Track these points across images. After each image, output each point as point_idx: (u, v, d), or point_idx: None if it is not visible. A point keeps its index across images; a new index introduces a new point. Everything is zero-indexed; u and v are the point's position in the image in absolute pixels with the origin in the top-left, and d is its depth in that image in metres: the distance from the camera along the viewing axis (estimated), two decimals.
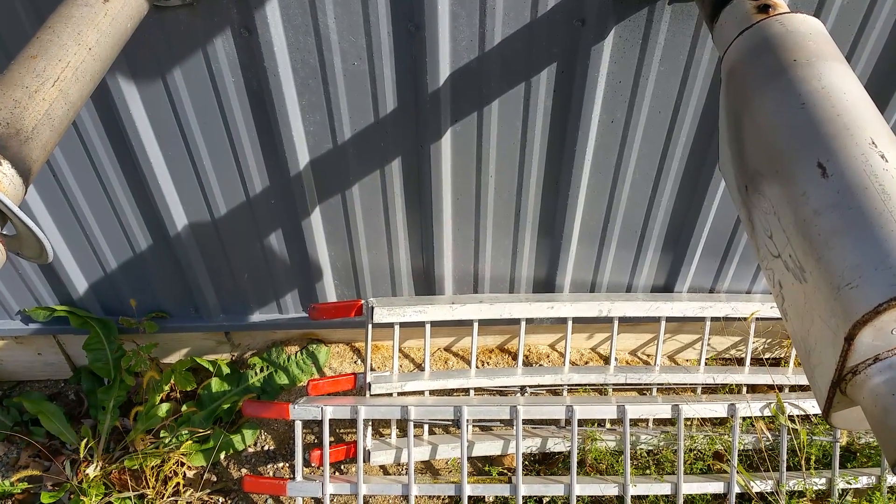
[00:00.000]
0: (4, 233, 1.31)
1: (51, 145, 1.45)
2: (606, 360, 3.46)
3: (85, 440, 2.94)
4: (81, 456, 2.95)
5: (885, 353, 1.12)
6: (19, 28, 2.08)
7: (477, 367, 3.17)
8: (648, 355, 3.58)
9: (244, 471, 3.14)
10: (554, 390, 3.25)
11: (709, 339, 3.21)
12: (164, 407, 3.15)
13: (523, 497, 2.81)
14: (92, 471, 2.97)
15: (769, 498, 2.90)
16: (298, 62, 2.20)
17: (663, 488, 2.86)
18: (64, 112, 1.47)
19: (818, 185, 1.22)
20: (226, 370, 3.29)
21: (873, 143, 1.22)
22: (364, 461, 2.87)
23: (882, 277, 1.07)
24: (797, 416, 2.96)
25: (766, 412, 2.93)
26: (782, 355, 3.52)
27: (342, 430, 3.23)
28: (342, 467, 3.14)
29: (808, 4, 2.14)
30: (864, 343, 1.11)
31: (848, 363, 1.14)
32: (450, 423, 2.97)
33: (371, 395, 2.97)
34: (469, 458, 3.07)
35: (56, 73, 1.46)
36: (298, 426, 2.80)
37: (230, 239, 2.77)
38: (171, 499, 2.99)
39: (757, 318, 3.12)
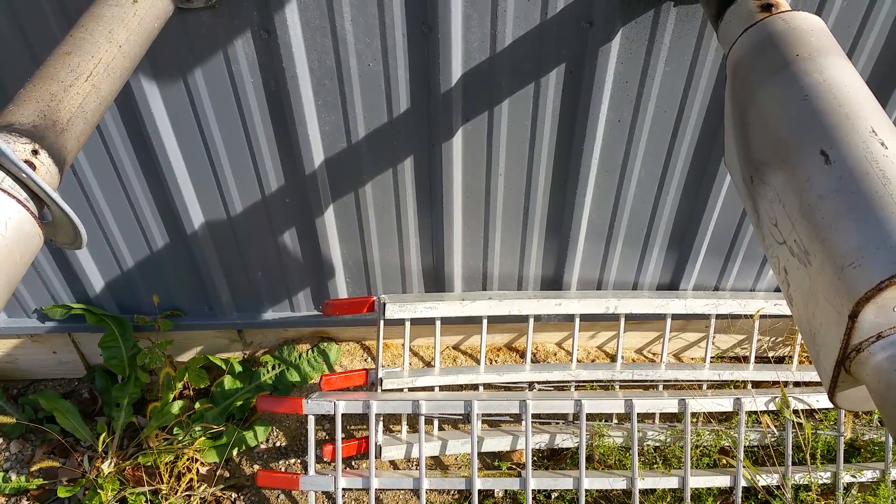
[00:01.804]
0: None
1: (84, 137, 1.51)
2: (613, 358, 3.51)
3: (102, 435, 2.99)
4: (100, 450, 3.00)
5: (887, 331, 1.16)
6: (47, 29, 2.15)
7: (486, 364, 3.22)
8: (654, 354, 3.63)
9: (256, 467, 3.19)
10: (561, 387, 3.30)
11: (714, 337, 3.26)
12: (178, 404, 3.20)
13: (532, 491, 2.86)
14: (106, 467, 3.02)
15: (775, 491, 2.94)
16: (315, 63, 2.26)
17: (671, 482, 2.90)
18: (96, 106, 1.53)
19: (822, 171, 1.28)
20: (238, 368, 3.34)
21: (873, 131, 1.28)
22: (375, 457, 2.92)
23: (884, 256, 1.12)
24: (802, 410, 3.01)
25: (772, 406, 2.98)
26: (786, 353, 3.57)
27: (353, 427, 3.28)
28: (353, 463, 3.18)
29: (810, 4, 2.20)
30: (867, 320, 1.15)
31: (852, 341, 1.19)
32: (460, 417, 3.02)
33: (382, 391, 3.02)
34: (478, 454, 3.12)
35: (89, 69, 1.52)
36: (311, 421, 2.85)
37: (245, 237, 2.83)
38: (185, 494, 3.04)
39: (761, 316, 3.17)
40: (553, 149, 2.57)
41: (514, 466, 3.16)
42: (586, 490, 2.87)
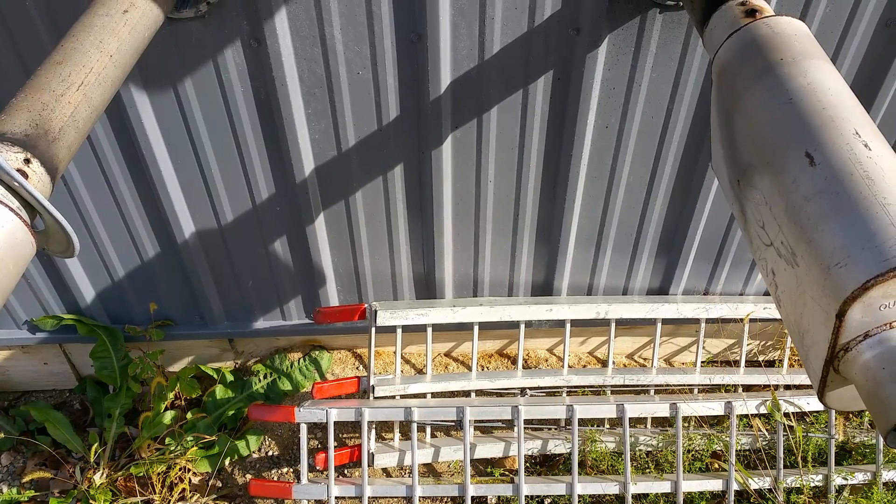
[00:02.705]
0: None
1: (75, 146, 1.51)
2: (604, 363, 3.53)
3: (94, 446, 2.98)
4: (92, 460, 2.98)
5: (874, 330, 1.18)
6: (36, 39, 2.16)
7: (477, 370, 3.23)
8: (645, 359, 3.65)
9: (249, 476, 3.18)
10: (553, 393, 3.31)
11: (704, 342, 3.28)
12: (170, 414, 3.19)
13: (525, 497, 2.86)
14: (98, 478, 3.00)
15: (767, 495, 2.96)
16: (305, 71, 2.28)
17: (663, 486, 2.91)
18: (87, 115, 1.53)
19: (807, 173, 1.30)
20: (230, 377, 3.33)
21: (857, 133, 1.30)
22: (368, 464, 2.92)
23: (869, 255, 1.14)
24: (792, 413, 3.03)
25: (763, 410, 3.00)
26: (777, 357, 3.59)
27: (345, 435, 3.28)
28: (345, 471, 3.18)
29: (794, 9, 2.23)
30: (854, 319, 1.17)
31: (840, 340, 1.20)
32: (452, 424, 3.03)
33: (374, 398, 3.02)
34: (471, 461, 3.12)
35: (80, 78, 1.53)
36: (304, 429, 2.85)
37: (236, 246, 2.83)
38: None
39: (751, 320, 3.19)
40: (542, 155, 2.59)
41: (506, 473, 3.16)
42: (579, 496, 2.88)
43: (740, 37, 1.62)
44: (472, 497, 2.87)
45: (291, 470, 3.20)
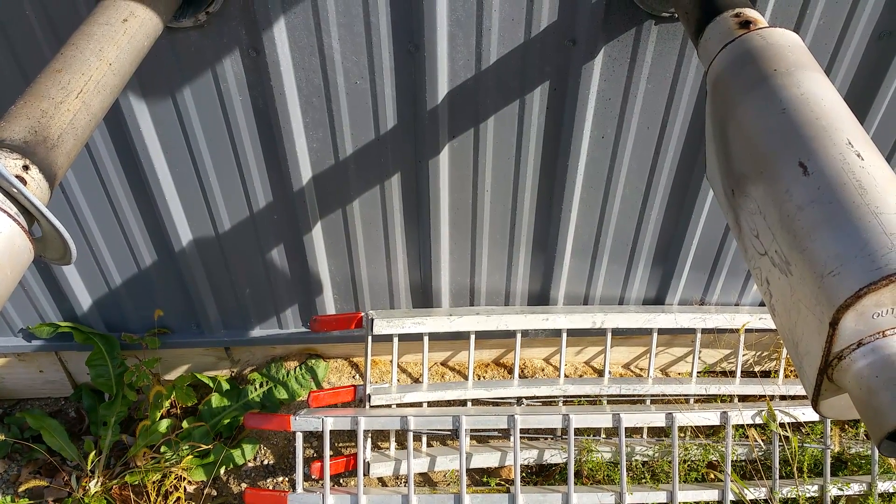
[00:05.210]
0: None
1: (74, 153, 1.52)
2: (600, 373, 3.53)
3: (91, 454, 2.97)
4: (89, 468, 2.97)
5: (867, 338, 1.18)
6: (36, 47, 2.17)
7: (474, 379, 3.23)
8: (641, 369, 3.65)
9: (244, 485, 3.17)
10: (549, 402, 3.31)
11: (700, 352, 3.28)
12: (166, 422, 3.18)
13: None
14: (93, 486, 2.99)
15: None
16: (303, 81, 2.29)
17: (659, 496, 2.91)
18: (86, 122, 1.54)
19: (800, 182, 1.31)
20: (226, 386, 3.33)
21: (850, 143, 1.31)
22: (364, 474, 2.91)
23: (862, 264, 1.15)
24: (788, 423, 3.03)
25: (758, 420, 3.00)
26: (772, 367, 3.60)
27: (341, 444, 3.27)
28: (341, 481, 3.17)
29: (788, 21, 2.25)
30: (847, 328, 1.17)
31: (833, 349, 1.21)
32: (448, 433, 3.02)
33: (371, 407, 3.02)
34: (467, 470, 3.11)
35: (79, 86, 1.53)
36: (299, 438, 2.85)
37: (233, 254, 2.83)
38: None
39: (746, 330, 3.20)
40: (538, 165, 2.60)
41: (502, 482, 3.16)
42: None
43: (735, 48, 1.63)
44: None
45: (287, 479, 3.19)
